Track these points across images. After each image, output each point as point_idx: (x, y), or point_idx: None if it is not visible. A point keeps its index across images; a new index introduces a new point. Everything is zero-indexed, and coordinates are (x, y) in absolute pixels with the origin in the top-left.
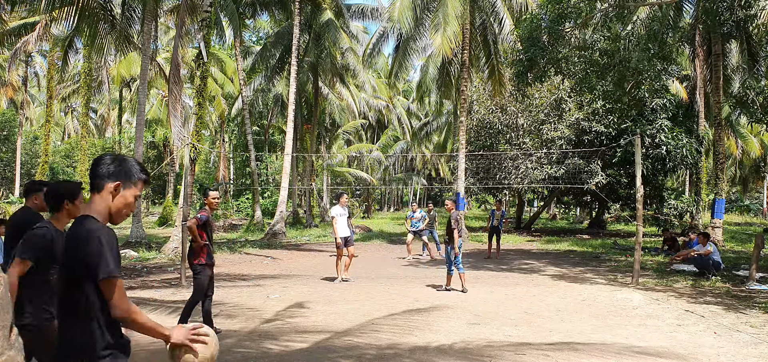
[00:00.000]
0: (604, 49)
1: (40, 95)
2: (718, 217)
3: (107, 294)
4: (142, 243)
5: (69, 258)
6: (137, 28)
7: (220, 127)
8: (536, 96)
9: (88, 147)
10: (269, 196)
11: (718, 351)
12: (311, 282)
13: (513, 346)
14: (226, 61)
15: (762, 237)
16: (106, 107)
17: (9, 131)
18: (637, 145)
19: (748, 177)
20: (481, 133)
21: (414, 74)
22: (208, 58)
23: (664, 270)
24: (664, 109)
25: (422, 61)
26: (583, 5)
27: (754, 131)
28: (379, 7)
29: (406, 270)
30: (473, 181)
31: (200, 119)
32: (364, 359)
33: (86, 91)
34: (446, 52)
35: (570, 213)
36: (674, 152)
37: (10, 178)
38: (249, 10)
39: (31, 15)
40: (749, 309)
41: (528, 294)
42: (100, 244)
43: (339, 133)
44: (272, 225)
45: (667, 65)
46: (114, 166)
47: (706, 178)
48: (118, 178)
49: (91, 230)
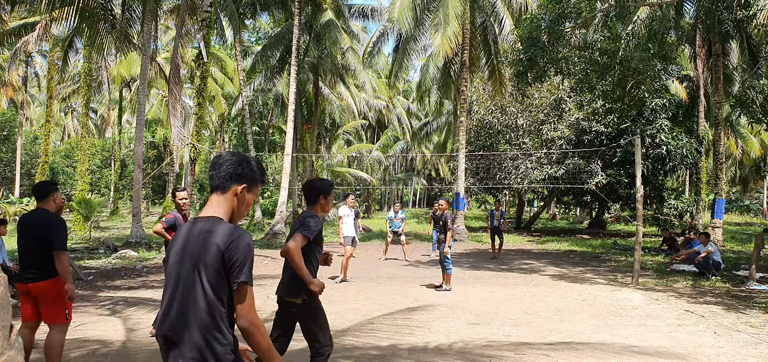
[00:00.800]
0: (604, 49)
1: (40, 95)
2: (718, 217)
3: (238, 299)
4: (142, 243)
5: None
6: (137, 28)
7: (220, 127)
8: (536, 96)
9: (88, 147)
10: (269, 196)
11: (718, 351)
12: None
13: (513, 346)
14: (226, 61)
15: (762, 237)
16: (106, 107)
17: (9, 131)
18: (637, 145)
19: (748, 177)
20: (481, 133)
21: (414, 74)
22: (208, 58)
23: (664, 270)
24: (664, 109)
25: (422, 61)
26: (583, 5)
27: (754, 131)
28: (379, 7)
29: (406, 270)
30: (473, 181)
31: (200, 119)
32: (363, 359)
33: (86, 91)
34: (446, 52)
35: (570, 213)
36: (674, 152)
37: (10, 178)
38: (249, 10)
39: (31, 15)
40: (749, 309)
41: (528, 294)
42: (248, 250)
43: (339, 133)
44: (272, 225)
45: (667, 65)
46: (240, 168)
47: (706, 178)
48: (244, 181)
49: (244, 234)
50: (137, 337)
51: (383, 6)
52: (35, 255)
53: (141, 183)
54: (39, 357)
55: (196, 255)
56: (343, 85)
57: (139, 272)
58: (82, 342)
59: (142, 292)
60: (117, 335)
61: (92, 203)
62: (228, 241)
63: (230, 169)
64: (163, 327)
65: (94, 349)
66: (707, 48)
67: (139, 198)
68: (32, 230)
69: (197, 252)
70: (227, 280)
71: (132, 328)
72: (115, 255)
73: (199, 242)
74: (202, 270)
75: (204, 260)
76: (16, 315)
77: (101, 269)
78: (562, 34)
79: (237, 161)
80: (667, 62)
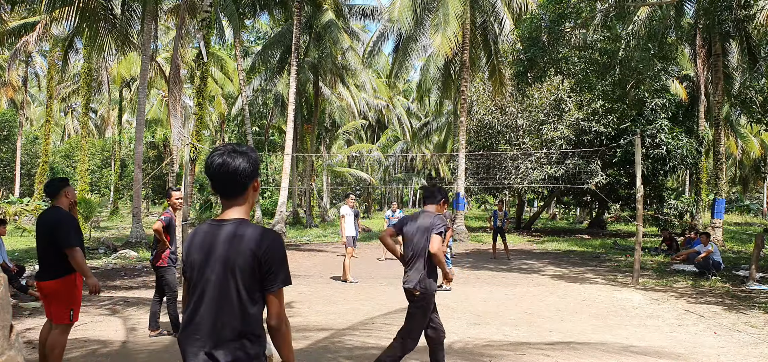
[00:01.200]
0: (604, 49)
1: (40, 95)
2: (718, 217)
3: (273, 300)
4: (142, 243)
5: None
6: (137, 28)
7: (220, 127)
8: (536, 96)
9: (88, 147)
10: (269, 196)
11: (718, 351)
12: (311, 282)
13: (513, 346)
14: (226, 61)
15: (762, 237)
16: (106, 107)
17: (9, 131)
18: (637, 145)
19: (748, 177)
20: (480, 133)
21: (414, 74)
22: (208, 58)
23: (664, 270)
24: (664, 108)
25: (422, 61)
26: (583, 5)
27: (753, 131)
28: (379, 7)
29: None
30: (473, 181)
31: (200, 119)
32: (363, 359)
33: (86, 91)
34: (446, 52)
35: (570, 213)
36: (674, 152)
37: (10, 178)
38: (249, 10)
39: (31, 15)
40: (749, 309)
41: (528, 294)
42: (283, 252)
43: (339, 133)
44: (272, 225)
45: (667, 65)
46: (249, 164)
47: (706, 178)
48: (257, 173)
49: (277, 236)
50: (137, 337)
51: (383, 6)
52: (48, 254)
53: (141, 183)
54: (34, 356)
55: (229, 260)
56: (343, 85)
57: (139, 272)
58: (82, 342)
59: (142, 292)
60: (117, 335)
61: (92, 203)
62: (263, 245)
63: (246, 168)
64: (191, 333)
65: (94, 349)
66: (707, 48)
67: (139, 198)
68: (44, 229)
69: (230, 256)
70: (262, 284)
71: (132, 328)
72: (115, 255)
73: (231, 247)
74: (237, 274)
75: (238, 264)
76: (16, 315)
77: (101, 269)
78: (562, 34)
79: (244, 159)
80: (666, 62)
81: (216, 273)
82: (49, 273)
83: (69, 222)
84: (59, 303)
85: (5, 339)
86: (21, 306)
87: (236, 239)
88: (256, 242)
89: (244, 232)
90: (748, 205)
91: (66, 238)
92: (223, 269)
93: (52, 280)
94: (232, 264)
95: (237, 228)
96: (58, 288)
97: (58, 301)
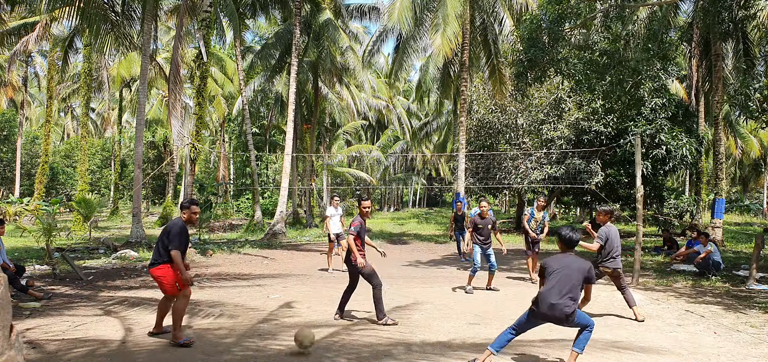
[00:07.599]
0: (604, 49)
1: (40, 95)
2: (718, 217)
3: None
4: (142, 243)
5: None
6: (137, 28)
7: (220, 127)
8: (536, 96)
9: (88, 147)
10: (269, 196)
11: (718, 351)
12: (311, 282)
13: (513, 346)
14: (226, 61)
15: (762, 237)
16: (106, 107)
17: (9, 131)
18: (637, 145)
19: (748, 177)
20: (480, 132)
21: (414, 74)
22: (208, 58)
23: (664, 270)
24: (663, 108)
25: (422, 61)
26: (582, 6)
27: (750, 128)
28: (379, 7)
29: (406, 270)
30: (473, 181)
31: (200, 119)
32: (362, 358)
33: (86, 91)
34: (446, 52)
35: (570, 213)
36: (674, 152)
37: (10, 178)
38: (249, 10)
39: (31, 15)
40: (749, 309)
41: (528, 294)
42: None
43: (339, 133)
44: (272, 225)
45: (666, 65)
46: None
47: (706, 178)
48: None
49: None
50: (137, 337)
51: (383, 6)
52: (159, 249)
53: (141, 183)
54: (34, 356)
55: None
56: (342, 85)
57: (139, 272)
58: (82, 341)
59: (142, 292)
60: (117, 335)
61: (92, 203)
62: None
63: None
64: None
65: (94, 349)
66: (704, 47)
67: (139, 198)
68: (164, 230)
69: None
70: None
71: (131, 328)
72: (115, 255)
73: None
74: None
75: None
76: (16, 315)
77: (101, 269)
78: (562, 34)
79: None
80: (666, 62)
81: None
82: (155, 261)
83: (180, 231)
84: (164, 282)
85: (5, 339)
86: (21, 306)
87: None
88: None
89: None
90: (748, 205)
91: (172, 243)
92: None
93: (156, 266)
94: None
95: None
96: (159, 272)
97: (163, 280)
